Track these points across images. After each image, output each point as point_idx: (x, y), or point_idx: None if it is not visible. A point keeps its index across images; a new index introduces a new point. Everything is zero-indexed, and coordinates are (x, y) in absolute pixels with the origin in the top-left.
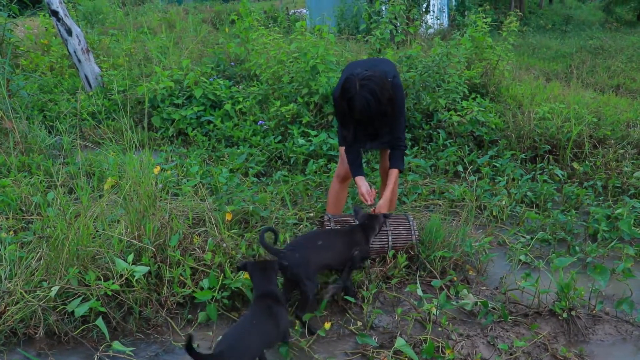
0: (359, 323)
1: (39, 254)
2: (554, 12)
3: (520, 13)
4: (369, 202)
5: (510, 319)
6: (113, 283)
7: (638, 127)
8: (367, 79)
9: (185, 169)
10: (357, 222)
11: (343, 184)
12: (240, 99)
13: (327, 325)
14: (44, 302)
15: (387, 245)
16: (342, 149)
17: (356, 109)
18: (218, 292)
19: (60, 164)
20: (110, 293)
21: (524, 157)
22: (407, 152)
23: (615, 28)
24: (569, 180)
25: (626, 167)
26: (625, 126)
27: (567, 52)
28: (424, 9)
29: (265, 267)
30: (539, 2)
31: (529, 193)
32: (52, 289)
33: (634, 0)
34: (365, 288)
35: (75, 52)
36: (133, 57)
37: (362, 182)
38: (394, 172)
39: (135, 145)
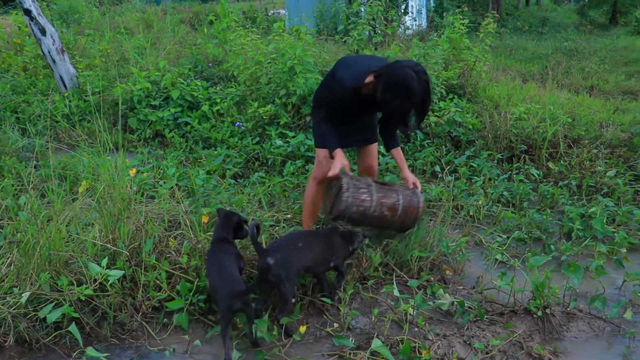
0: (336, 325)
1: (9, 259)
2: (531, 14)
3: (497, 15)
4: (334, 175)
5: (486, 318)
6: (86, 288)
7: (611, 127)
8: (417, 65)
9: (161, 171)
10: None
11: (320, 187)
12: (218, 100)
13: (303, 329)
14: (14, 309)
15: (398, 202)
16: (320, 151)
17: (418, 95)
18: (194, 296)
19: (32, 167)
20: (83, 298)
21: (500, 157)
22: (384, 152)
23: (589, 30)
24: (544, 180)
25: (599, 166)
26: (599, 126)
27: (543, 53)
28: (402, 10)
29: (227, 215)
30: (516, 4)
31: (505, 193)
32: (23, 295)
33: (606, 4)
34: (342, 289)
35: (49, 52)
36: (109, 58)
37: (342, 155)
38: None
39: (111, 147)
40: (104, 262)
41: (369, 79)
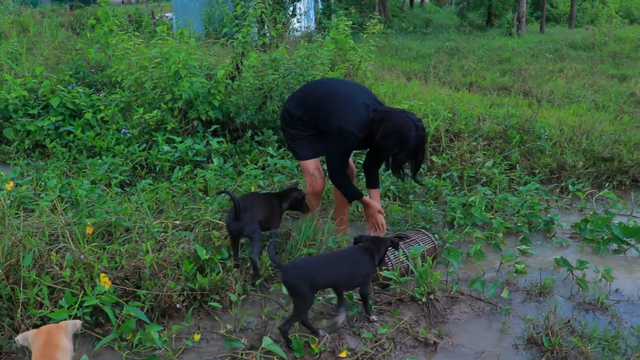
0: (229, 326)
1: None
2: (415, 15)
3: (379, 16)
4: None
5: (374, 308)
6: None
7: (487, 120)
8: (419, 120)
9: (42, 183)
10: None
11: (319, 198)
12: (102, 107)
13: (197, 337)
14: None
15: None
16: (309, 162)
17: (411, 146)
18: (79, 310)
19: None
20: None
21: None
22: (273, 153)
23: (468, 31)
24: (428, 173)
25: (478, 157)
26: (477, 120)
27: (426, 52)
28: (290, 13)
29: None
30: (401, 6)
31: (392, 187)
32: None
33: (483, 7)
34: (232, 291)
35: None
36: None
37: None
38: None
39: None
40: None
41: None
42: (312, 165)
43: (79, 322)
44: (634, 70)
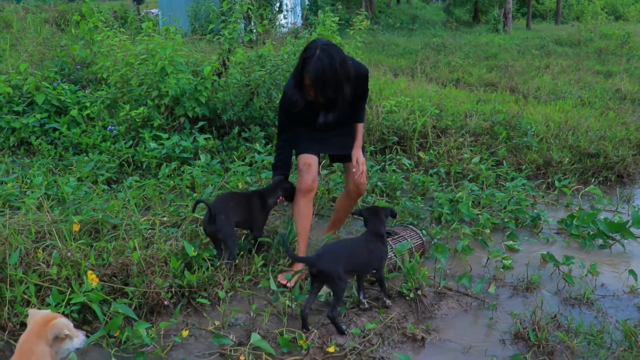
0: (217, 323)
1: None
2: (402, 11)
3: (366, 12)
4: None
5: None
6: None
7: (474, 116)
8: (328, 45)
9: (28, 181)
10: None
11: (307, 198)
12: (88, 104)
13: (185, 333)
14: None
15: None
16: (299, 158)
17: (312, 70)
18: (66, 307)
19: None
20: None
21: (373, 149)
22: (260, 149)
23: (455, 27)
24: (415, 169)
25: (465, 154)
26: (464, 116)
27: (413, 49)
28: (276, 9)
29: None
30: (388, 2)
31: (379, 183)
32: None
33: (469, 3)
34: (220, 288)
35: None
36: None
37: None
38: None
39: None
40: None
41: (307, 81)
42: (302, 160)
43: (60, 326)
44: (619, 67)
